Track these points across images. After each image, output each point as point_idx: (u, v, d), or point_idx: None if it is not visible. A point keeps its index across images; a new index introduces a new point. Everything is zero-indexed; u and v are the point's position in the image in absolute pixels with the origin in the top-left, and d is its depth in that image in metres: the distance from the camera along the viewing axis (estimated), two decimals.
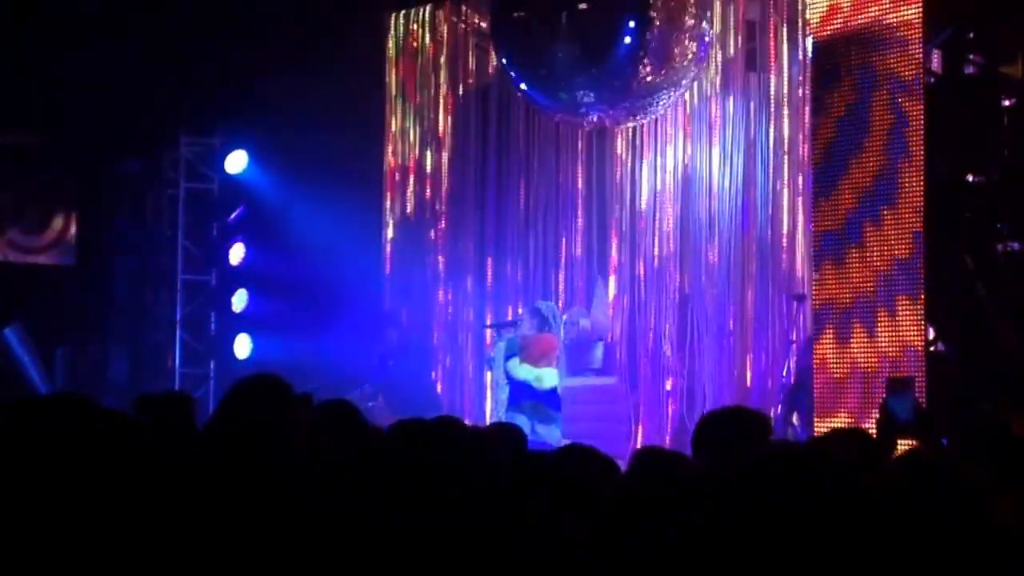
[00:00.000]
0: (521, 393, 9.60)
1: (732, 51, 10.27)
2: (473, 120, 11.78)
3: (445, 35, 11.91)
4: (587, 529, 2.94)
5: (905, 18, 8.48)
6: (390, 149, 12.23)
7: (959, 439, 4.87)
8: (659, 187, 10.77)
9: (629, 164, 10.98)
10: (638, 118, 10.00)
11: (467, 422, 5.40)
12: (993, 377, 8.10)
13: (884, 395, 6.12)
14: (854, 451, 4.06)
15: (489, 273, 11.72)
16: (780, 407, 9.34)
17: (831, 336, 8.74)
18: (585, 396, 9.81)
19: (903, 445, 5.21)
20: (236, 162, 12.47)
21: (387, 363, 10.82)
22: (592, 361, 10.43)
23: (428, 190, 12.05)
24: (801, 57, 9.74)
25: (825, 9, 8.89)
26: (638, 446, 8.05)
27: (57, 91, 11.54)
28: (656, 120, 10.50)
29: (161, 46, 11.51)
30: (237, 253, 12.54)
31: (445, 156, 11.95)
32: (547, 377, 9.62)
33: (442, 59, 11.94)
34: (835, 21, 8.87)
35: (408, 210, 12.14)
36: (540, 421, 9.47)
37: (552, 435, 9.36)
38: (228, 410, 3.18)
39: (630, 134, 10.86)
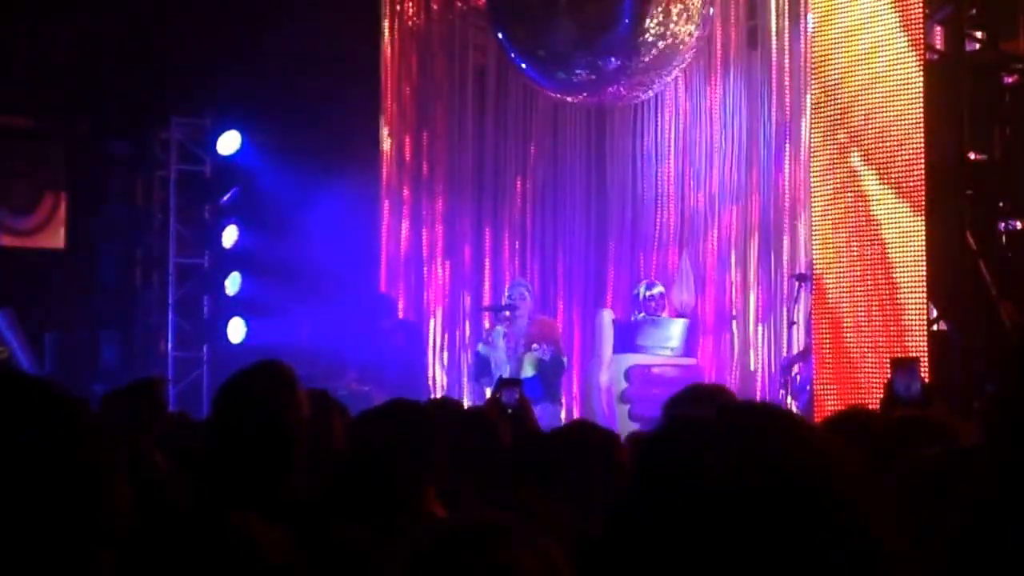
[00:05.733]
0: (550, 379, 9.32)
1: (733, 29, 10.16)
2: (470, 99, 11.66)
3: (442, 13, 11.78)
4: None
5: None
6: (386, 131, 12.09)
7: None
8: (659, 167, 10.68)
9: (628, 143, 10.89)
10: (637, 96, 9.89)
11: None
12: (995, 356, 8.03)
13: (889, 375, 6.05)
14: (859, 433, 3.98)
15: (487, 256, 11.60)
16: (780, 376, 9.27)
17: (832, 316, 8.66)
18: (661, 377, 9.24)
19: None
20: (229, 143, 12.33)
21: (380, 346, 10.67)
22: (669, 339, 9.92)
23: (424, 170, 11.93)
24: (803, 34, 9.63)
25: None
26: None
27: (45, 71, 11.40)
28: (656, 98, 10.40)
29: (151, 24, 11.38)
30: (230, 236, 12.42)
31: (442, 136, 11.82)
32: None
33: (439, 37, 11.80)
34: None
35: (404, 191, 12.02)
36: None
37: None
38: (229, 409, 2.94)
39: (629, 113, 10.75)
